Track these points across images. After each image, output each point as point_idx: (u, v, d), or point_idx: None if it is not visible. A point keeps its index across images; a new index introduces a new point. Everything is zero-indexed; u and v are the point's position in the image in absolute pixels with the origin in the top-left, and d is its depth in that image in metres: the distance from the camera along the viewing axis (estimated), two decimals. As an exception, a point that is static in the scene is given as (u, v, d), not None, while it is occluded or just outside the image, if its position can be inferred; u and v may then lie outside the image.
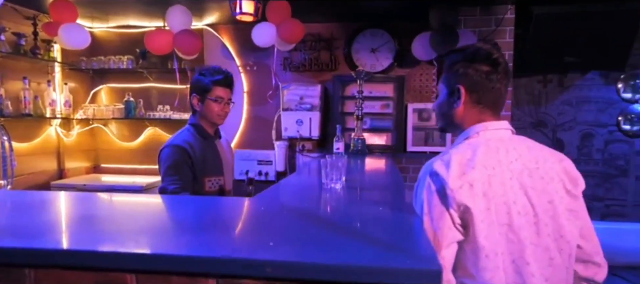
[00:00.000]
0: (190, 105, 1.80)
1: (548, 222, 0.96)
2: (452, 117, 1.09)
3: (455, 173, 0.94)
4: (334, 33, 3.38)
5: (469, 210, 0.92)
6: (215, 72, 1.72)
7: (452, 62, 1.08)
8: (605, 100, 3.02)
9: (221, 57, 3.58)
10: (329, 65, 3.39)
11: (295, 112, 3.34)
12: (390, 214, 1.00)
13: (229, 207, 0.99)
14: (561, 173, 0.99)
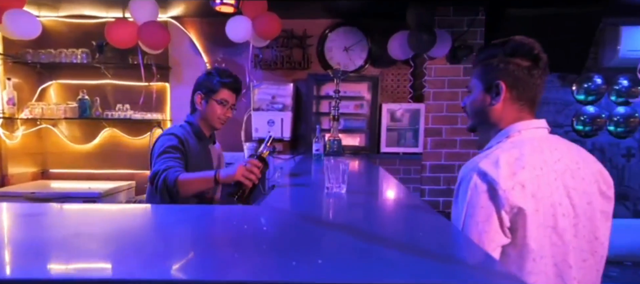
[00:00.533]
0: (190, 103, 1.70)
1: (585, 224, 0.95)
2: (488, 114, 1.05)
3: (506, 173, 0.90)
4: (307, 30, 3.31)
5: (522, 212, 0.89)
6: (225, 74, 1.66)
7: (489, 56, 1.04)
8: (562, 101, 3.22)
9: (187, 53, 3.39)
10: (302, 64, 3.32)
11: (267, 112, 3.23)
12: (423, 220, 0.94)
13: (243, 219, 0.89)
14: (597, 174, 0.98)
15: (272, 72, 3.37)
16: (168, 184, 1.38)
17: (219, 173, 1.37)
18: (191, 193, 1.41)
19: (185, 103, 3.38)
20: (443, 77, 2.99)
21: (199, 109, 1.68)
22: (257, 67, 3.37)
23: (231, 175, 1.34)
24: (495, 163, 0.92)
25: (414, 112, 3.06)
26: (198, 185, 1.41)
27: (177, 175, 1.38)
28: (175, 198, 1.41)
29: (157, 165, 1.45)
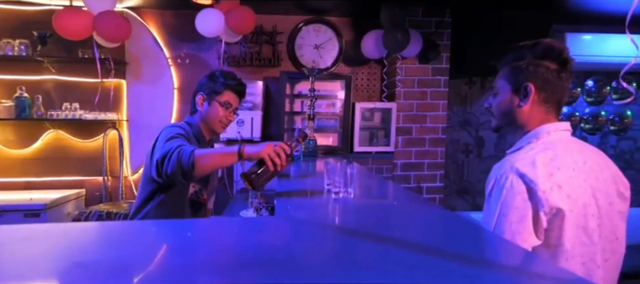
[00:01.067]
0: (191, 104, 1.61)
1: (607, 224, 0.99)
2: (515, 115, 1.06)
3: (543, 173, 0.92)
4: (277, 26, 3.22)
5: (561, 212, 0.91)
6: (230, 76, 1.61)
7: (517, 58, 1.05)
8: (517, 101, 3.47)
9: (147, 47, 3.14)
10: (272, 61, 3.22)
11: (236, 111, 3.09)
12: (455, 225, 0.92)
13: (265, 232, 0.81)
14: (615, 175, 1.03)
15: (240, 69, 3.23)
16: (182, 159, 1.24)
17: (244, 147, 1.26)
18: (209, 169, 1.28)
19: (146, 102, 3.16)
20: (413, 77, 3.07)
21: (200, 110, 1.59)
22: (224, 63, 3.22)
23: (257, 151, 1.23)
24: (532, 163, 0.93)
25: (386, 111, 3.11)
26: (219, 160, 1.29)
27: (193, 149, 1.26)
28: (189, 177, 1.27)
29: (167, 146, 1.31)
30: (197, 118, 1.61)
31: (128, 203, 2.76)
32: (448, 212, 1.02)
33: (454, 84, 3.27)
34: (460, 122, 3.41)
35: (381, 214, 1.04)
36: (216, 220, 1.00)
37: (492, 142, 3.45)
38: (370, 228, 0.87)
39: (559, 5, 2.99)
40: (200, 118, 1.61)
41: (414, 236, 0.82)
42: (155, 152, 1.38)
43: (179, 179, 1.27)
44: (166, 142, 1.36)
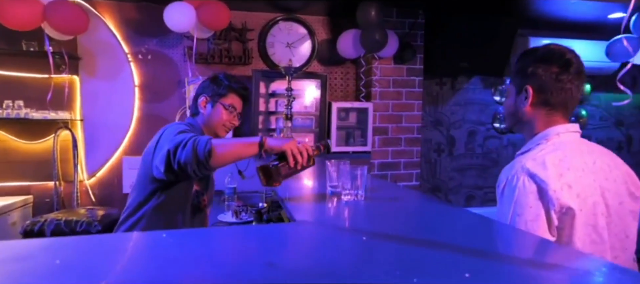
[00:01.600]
0: (193, 106, 1.54)
1: (618, 223, 1.01)
2: (519, 116, 1.10)
3: (553, 173, 0.94)
4: (247, 23, 3.08)
5: (571, 211, 0.93)
6: (233, 79, 1.56)
7: (522, 61, 1.08)
8: (484, 102, 3.57)
9: (102, 41, 2.87)
10: (242, 59, 3.07)
11: (206, 110, 2.91)
12: (481, 224, 0.90)
13: (298, 239, 0.72)
14: (626, 175, 1.06)
15: (208, 66, 3.05)
16: (198, 148, 1.13)
17: (266, 139, 1.18)
18: (227, 160, 1.18)
19: (103, 100, 2.88)
20: (388, 77, 3.05)
21: (202, 113, 1.52)
22: (190, 60, 3.02)
23: (279, 144, 1.16)
24: (543, 164, 0.95)
25: (361, 110, 3.07)
26: (238, 150, 1.18)
27: (210, 138, 1.16)
28: (204, 167, 1.15)
29: (180, 137, 1.20)
30: (199, 121, 1.53)
31: (86, 209, 2.50)
32: (466, 211, 1.00)
33: (426, 84, 3.30)
34: (432, 121, 3.45)
35: (407, 216, 0.98)
36: (241, 229, 0.88)
37: (462, 141, 3.52)
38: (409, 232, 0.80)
39: (523, 12, 3.12)
40: (202, 121, 1.53)
41: (450, 237, 0.77)
42: (162, 145, 1.26)
43: (193, 169, 1.15)
44: (177, 134, 1.26)
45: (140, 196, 1.38)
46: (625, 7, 2.99)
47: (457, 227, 0.89)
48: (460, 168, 3.51)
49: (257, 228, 0.86)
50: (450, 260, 0.60)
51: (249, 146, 1.19)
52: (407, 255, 0.65)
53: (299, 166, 1.15)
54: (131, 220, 1.39)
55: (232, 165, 2.68)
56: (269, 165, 1.15)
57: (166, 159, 1.18)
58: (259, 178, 1.16)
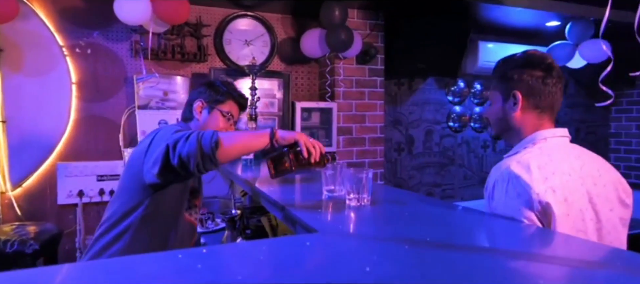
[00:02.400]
0: (186, 111, 1.45)
1: (610, 230, 1.01)
2: (509, 122, 1.09)
3: (537, 177, 0.93)
4: (202, 18, 2.87)
5: (554, 216, 0.92)
6: (231, 86, 1.48)
7: (505, 68, 1.09)
8: (439, 102, 3.68)
9: (30, 32, 2.51)
10: (198, 56, 2.85)
11: (157, 111, 2.66)
12: (503, 226, 0.87)
13: (343, 255, 0.62)
14: (616, 182, 1.06)
15: (160, 63, 2.79)
16: (203, 140, 1.02)
17: (276, 129, 1.12)
18: (235, 153, 1.08)
19: (31, 99, 2.50)
20: (351, 77, 3.02)
21: (197, 118, 1.40)
22: (137, 56, 2.74)
23: (291, 135, 1.10)
24: (527, 168, 0.95)
25: (325, 110, 3.00)
26: (247, 143, 1.09)
27: (215, 131, 1.07)
28: (209, 162, 1.03)
29: (180, 134, 1.08)
30: (192, 126, 1.41)
31: (13, 226, 2.15)
32: (476, 211, 0.96)
33: (385, 85, 3.31)
34: (392, 121, 3.48)
35: (430, 221, 0.91)
36: (266, 242, 0.75)
37: (420, 140, 3.59)
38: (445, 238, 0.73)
39: (474, 17, 3.27)
40: (196, 127, 1.40)
41: (489, 241, 0.71)
42: (156, 145, 1.11)
43: (196, 163, 1.02)
44: (175, 133, 1.12)
45: (125, 205, 1.20)
46: (560, 16, 3.26)
47: (487, 230, 0.84)
48: (419, 166, 3.58)
49: (292, 242, 0.72)
50: (509, 267, 0.54)
51: (259, 137, 1.10)
52: (461, 263, 0.60)
53: (313, 159, 1.08)
54: (113, 232, 1.19)
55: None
56: (286, 153, 1.07)
57: (164, 156, 1.05)
58: (268, 168, 1.10)
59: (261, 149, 1.09)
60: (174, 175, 1.07)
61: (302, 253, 0.62)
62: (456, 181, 3.76)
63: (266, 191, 1.21)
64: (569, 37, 3.22)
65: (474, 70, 3.64)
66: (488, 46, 3.60)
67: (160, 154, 1.05)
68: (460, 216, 0.97)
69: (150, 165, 1.10)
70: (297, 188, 1.35)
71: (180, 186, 1.22)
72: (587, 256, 0.65)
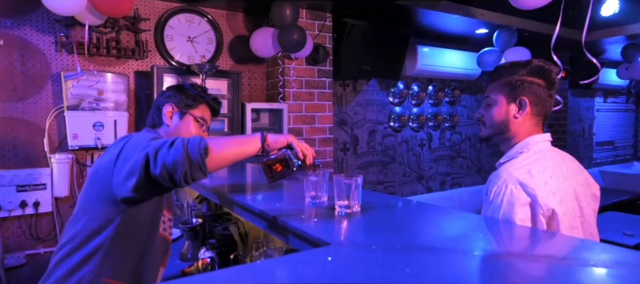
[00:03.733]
0: (154, 116, 1.29)
1: (590, 222, 1.12)
2: (509, 126, 1.12)
3: (539, 182, 1.00)
4: (140, 11, 2.64)
5: (556, 216, 1.00)
6: (203, 89, 1.38)
7: (512, 74, 1.12)
8: (381, 102, 3.82)
9: None
10: (136, 52, 2.63)
11: (91, 112, 2.41)
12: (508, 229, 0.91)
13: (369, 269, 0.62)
14: (588, 178, 1.17)
15: (91, 59, 2.52)
16: (190, 147, 0.92)
17: (266, 134, 1.06)
18: (226, 161, 1.01)
19: None
20: (301, 78, 3.01)
21: (167, 124, 1.26)
22: (62, 51, 2.44)
23: (283, 139, 1.07)
24: (529, 173, 1.02)
25: (275, 111, 2.95)
26: (238, 150, 1.02)
27: (201, 137, 0.97)
28: (198, 171, 0.94)
29: (158, 142, 0.97)
30: (161, 133, 1.27)
31: None
32: (467, 213, 1.00)
33: (331, 86, 3.36)
34: (338, 121, 3.53)
35: (433, 226, 0.93)
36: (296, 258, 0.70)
37: (365, 140, 3.70)
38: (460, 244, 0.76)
39: (413, 23, 3.45)
40: (166, 134, 1.27)
41: (502, 244, 0.75)
42: (128, 156, 0.99)
43: (182, 173, 0.91)
44: (152, 140, 1.00)
45: (92, 223, 1.04)
46: (487, 24, 3.59)
47: (492, 233, 0.89)
48: (364, 165, 3.69)
49: (311, 258, 0.68)
50: (531, 268, 0.58)
51: (249, 142, 1.04)
52: (494, 268, 0.61)
53: (308, 161, 1.06)
54: (80, 255, 1.03)
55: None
56: (283, 156, 1.04)
57: (143, 166, 0.93)
58: (265, 173, 1.05)
59: (252, 156, 1.04)
60: (152, 188, 0.96)
61: (333, 269, 0.60)
62: (397, 179, 3.94)
63: (247, 202, 1.15)
64: (496, 44, 3.54)
65: (413, 73, 3.85)
66: (424, 50, 3.82)
67: (137, 164, 0.94)
68: (464, 220, 1.00)
69: (123, 177, 0.98)
70: (272, 196, 1.31)
71: (155, 200, 1.11)
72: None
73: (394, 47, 3.48)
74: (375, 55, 3.38)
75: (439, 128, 4.20)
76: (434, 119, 4.15)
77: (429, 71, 3.89)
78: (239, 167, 2.23)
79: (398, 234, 0.83)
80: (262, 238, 1.47)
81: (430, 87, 4.12)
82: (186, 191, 2.37)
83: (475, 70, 4.05)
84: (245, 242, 1.52)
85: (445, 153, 4.27)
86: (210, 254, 1.55)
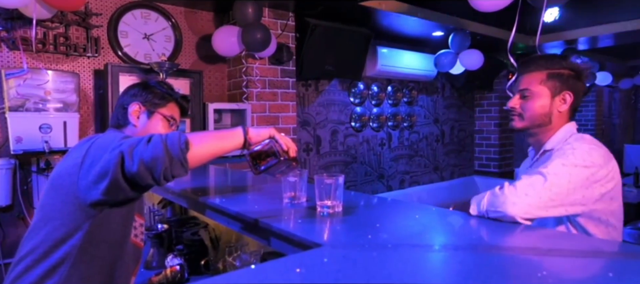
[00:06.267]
0: (119, 116, 1.21)
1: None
2: (551, 119, 1.17)
3: (601, 163, 1.06)
4: (91, 5, 2.48)
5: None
6: (170, 86, 1.30)
7: (554, 66, 1.16)
8: (343, 103, 3.86)
9: None
10: (87, 49, 2.46)
11: (37, 114, 2.22)
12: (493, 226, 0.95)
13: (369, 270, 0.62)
14: None
15: (37, 56, 2.32)
16: (169, 142, 0.87)
17: (247, 127, 1.03)
18: (207, 157, 0.97)
19: None
20: (264, 78, 2.97)
21: (133, 124, 1.18)
22: (2, 46, 2.23)
23: (264, 131, 1.04)
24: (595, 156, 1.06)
25: (237, 112, 2.89)
26: (219, 144, 0.98)
27: (180, 131, 0.94)
28: (178, 169, 0.89)
29: (132, 139, 0.91)
30: (128, 133, 1.17)
31: None
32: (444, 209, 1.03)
33: (295, 86, 3.35)
34: (301, 122, 3.53)
35: (419, 225, 0.94)
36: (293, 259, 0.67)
37: (327, 140, 3.72)
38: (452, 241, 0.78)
39: (373, 25, 3.53)
40: (133, 134, 1.17)
41: (494, 240, 0.78)
42: (95, 158, 0.92)
43: (162, 170, 0.86)
44: (124, 139, 0.94)
45: (57, 232, 0.95)
46: (443, 27, 3.75)
47: (475, 229, 0.91)
48: (326, 165, 3.71)
49: (312, 258, 0.67)
50: (520, 261, 0.61)
51: (231, 136, 1.00)
52: (481, 261, 0.63)
53: (292, 153, 1.04)
54: (43, 266, 0.94)
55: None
56: (268, 148, 1.01)
57: (116, 166, 0.86)
58: (250, 165, 1.03)
59: (233, 151, 1.00)
60: (127, 190, 0.89)
61: (332, 270, 0.60)
62: (358, 178, 4.01)
63: (223, 205, 1.11)
64: (452, 47, 3.71)
65: (373, 73, 3.93)
66: (384, 51, 3.91)
67: (110, 164, 0.87)
68: (428, 214, 1.03)
69: (92, 179, 0.90)
70: (247, 198, 1.28)
71: (128, 204, 1.03)
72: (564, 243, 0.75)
73: (356, 47, 3.52)
74: (337, 55, 3.41)
75: (398, 127, 4.32)
76: (393, 119, 4.26)
77: (388, 72, 3.99)
78: (202, 169, 2.16)
79: (386, 231, 0.84)
80: (235, 242, 1.43)
81: (389, 87, 4.23)
82: (147, 195, 2.26)
83: (432, 71, 4.21)
84: (217, 247, 1.47)
85: (404, 152, 4.40)
86: (178, 261, 1.48)
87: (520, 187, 0.98)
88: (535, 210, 0.96)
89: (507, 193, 0.97)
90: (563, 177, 0.99)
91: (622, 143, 7.17)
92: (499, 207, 0.96)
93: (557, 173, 1.00)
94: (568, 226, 1.11)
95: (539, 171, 1.02)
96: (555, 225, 1.12)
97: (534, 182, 0.99)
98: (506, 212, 0.94)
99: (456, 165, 4.95)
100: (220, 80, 3.06)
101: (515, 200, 0.95)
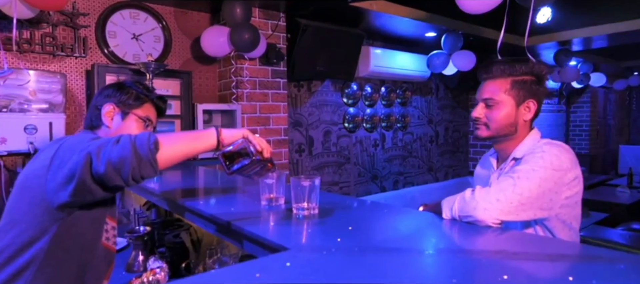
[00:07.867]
0: (93, 117, 1.18)
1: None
2: (516, 128, 1.15)
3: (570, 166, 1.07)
4: (78, 5, 2.46)
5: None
6: (147, 87, 1.28)
7: (517, 73, 1.13)
8: (336, 103, 3.84)
9: None
10: (75, 49, 2.44)
11: (22, 114, 2.20)
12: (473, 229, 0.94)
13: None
14: None
15: (22, 56, 2.30)
16: (138, 142, 0.86)
17: (220, 128, 1.02)
18: (177, 158, 0.94)
19: None
20: (255, 78, 2.95)
21: (107, 125, 1.16)
22: (-11, 46, 2.21)
23: (237, 132, 1.02)
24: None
25: (227, 112, 2.87)
26: (190, 144, 0.96)
27: (150, 132, 0.92)
28: (147, 169, 0.87)
29: (101, 140, 0.90)
30: (101, 134, 1.16)
31: None
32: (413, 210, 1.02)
33: (286, 86, 3.33)
34: (293, 122, 3.51)
35: (395, 228, 0.92)
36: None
37: (319, 141, 3.71)
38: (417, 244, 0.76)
39: (366, 25, 3.52)
40: (106, 136, 1.15)
41: (463, 242, 0.77)
42: (65, 159, 0.90)
43: (130, 170, 0.85)
44: (93, 140, 0.92)
45: (23, 235, 0.93)
46: (436, 28, 3.74)
47: (445, 232, 0.90)
48: (319, 166, 3.70)
49: (272, 263, 0.65)
50: (485, 264, 0.60)
51: (203, 137, 0.98)
52: (449, 265, 0.61)
53: (266, 153, 1.02)
54: (8, 270, 0.92)
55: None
56: (242, 148, 0.99)
57: (83, 167, 0.85)
58: (223, 165, 1.01)
59: (205, 152, 0.99)
60: (95, 191, 0.87)
61: (291, 275, 0.58)
62: (352, 179, 3.99)
63: (199, 207, 1.10)
64: (444, 47, 3.70)
65: (366, 74, 3.91)
66: (377, 52, 3.90)
67: (77, 165, 0.85)
68: (405, 217, 1.02)
69: (60, 181, 0.88)
70: (226, 199, 1.26)
71: (95, 207, 1.01)
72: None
73: (348, 48, 3.51)
74: (329, 55, 3.39)
75: (392, 128, 4.30)
76: (387, 120, 4.25)
77: (381, 72, 3.98)
78: (190, 170, 2.14)
79: (357, 235, 0.82)
80: (216, 245, 1.41)
81: (382, 88, 4.22)
82: (133, 197, 2.24)
83: (425, 72, 4.20)
84: (198, 249, 1.45)
85: (398, 153, 4.39)
86: (159, 263, 1.46)
87: (492, 192, 0.97)
88: (506, 215, 0.95)
89: (478, 199, 0.96)
90: (533, 182, 0.99)
91: (617, 144, 7.18)
92: (471, 212, 0.95)
93: (529, 177, 0.99)
94: (535, 228, 1.11)
95: (510, 175, 1.02)
96: (522, 228, 1.12)
97: (504, 188, 0.98)
98: (477, 218, 0.94)
99: (450, 166, 4.94)
100: (211, 81, 3.04)
101: (486, 205, 0.94)
